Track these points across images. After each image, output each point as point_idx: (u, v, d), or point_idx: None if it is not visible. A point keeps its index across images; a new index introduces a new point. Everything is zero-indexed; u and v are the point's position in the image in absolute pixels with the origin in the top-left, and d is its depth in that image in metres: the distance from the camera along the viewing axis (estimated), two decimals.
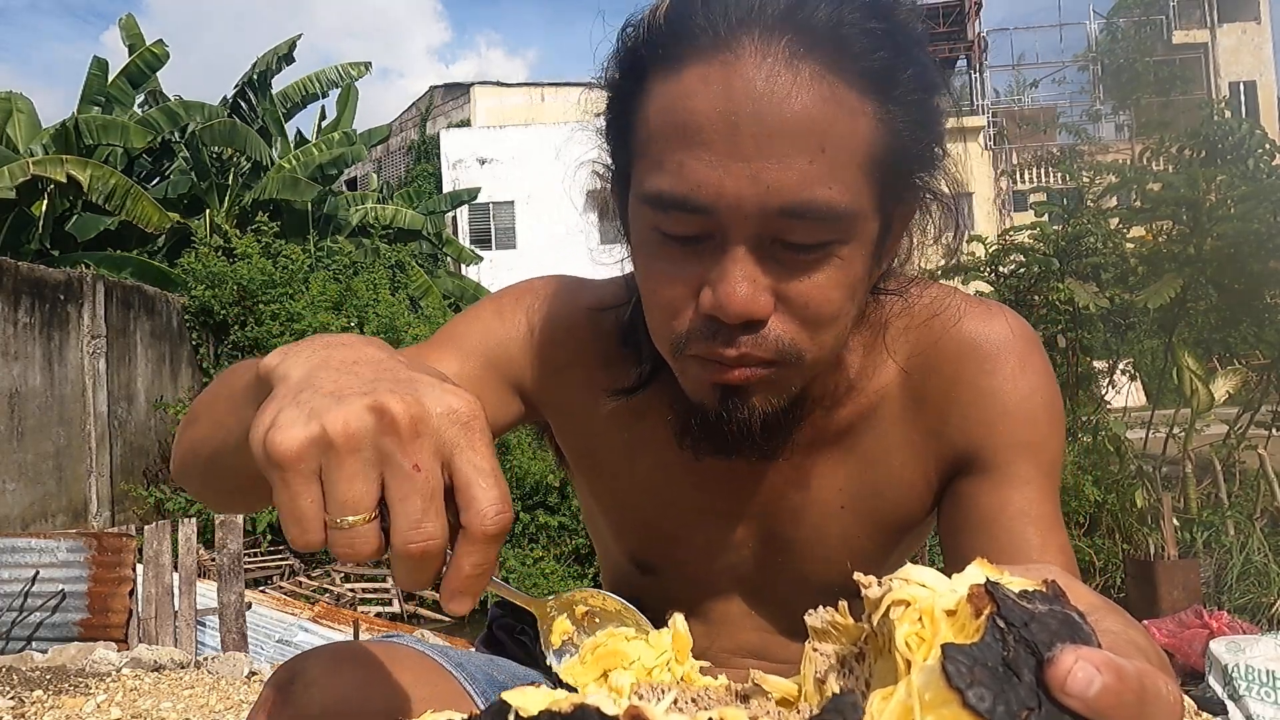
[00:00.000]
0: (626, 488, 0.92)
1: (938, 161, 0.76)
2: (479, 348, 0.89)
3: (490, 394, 0.88)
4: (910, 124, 0.69)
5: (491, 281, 16.68)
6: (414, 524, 0.47)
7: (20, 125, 11.84)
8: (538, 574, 8.26)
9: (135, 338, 9.14)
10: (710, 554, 0.92)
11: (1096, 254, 8.00)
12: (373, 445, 0.48)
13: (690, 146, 0.66)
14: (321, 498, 0.48)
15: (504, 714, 0.38)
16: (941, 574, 0.41)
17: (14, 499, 7.25)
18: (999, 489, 0.81)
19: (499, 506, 0.48)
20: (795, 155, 0.65)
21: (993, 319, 0.85)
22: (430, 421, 0.48)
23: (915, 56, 0.69)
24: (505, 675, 0.87)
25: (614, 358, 0.88)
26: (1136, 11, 26.60)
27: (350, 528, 0.48)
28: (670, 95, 0.68)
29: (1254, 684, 3.41)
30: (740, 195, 0.65)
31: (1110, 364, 8.62)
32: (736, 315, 0.67)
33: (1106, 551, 6.60)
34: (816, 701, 0.46)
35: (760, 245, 0.68)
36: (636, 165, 0.72)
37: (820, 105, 0.65)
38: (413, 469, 0.47)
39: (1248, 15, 26.48)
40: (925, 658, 0.37)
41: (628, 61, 0.73)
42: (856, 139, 0.66)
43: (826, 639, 0.48)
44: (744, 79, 0.65)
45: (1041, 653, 0.34)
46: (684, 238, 0.69)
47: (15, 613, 4.94)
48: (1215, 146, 7.71)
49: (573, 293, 0.92)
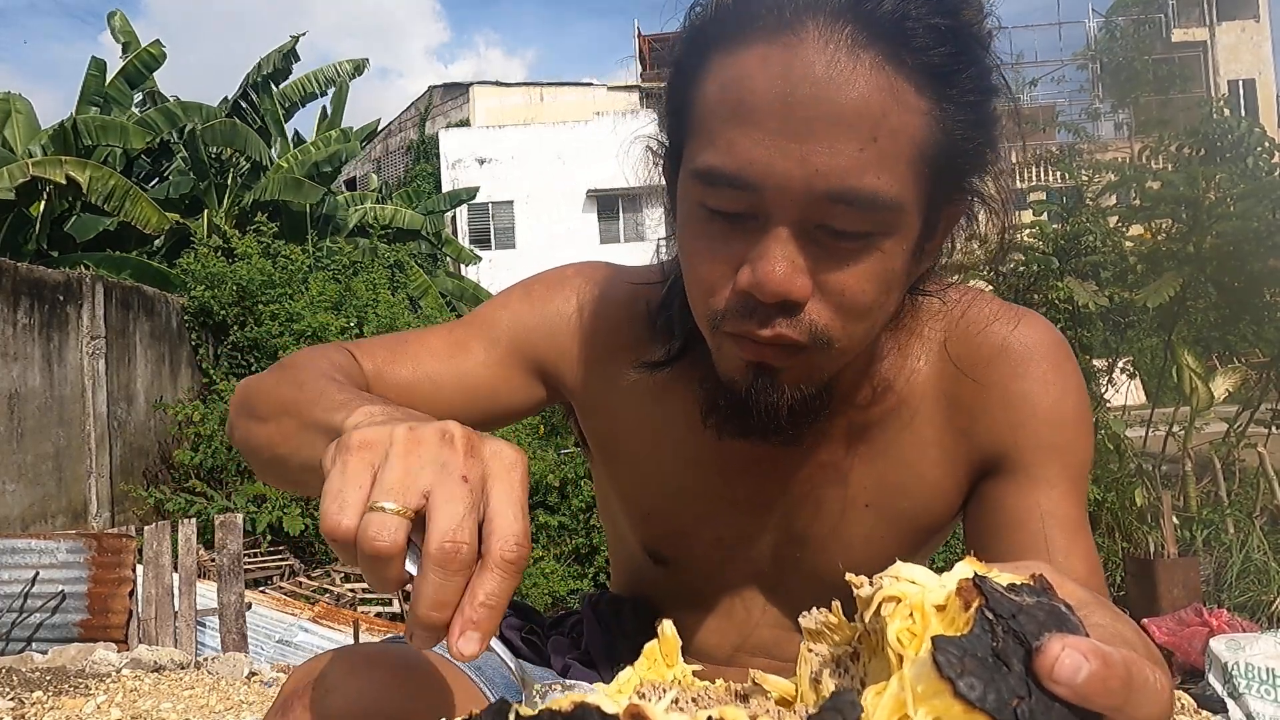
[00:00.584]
0: (647, 472, 0.93)
1: (989, 165, 0.76)
2: (505, 334, 0.91)
3: (513, 378, 0.90)
4: (965, 125, 0.70)
5: (491, 281, 16.68)
6: (453, 524, 0.49)
7: (19, 126, 11.83)
8: (538, 574, 8.25)
9: (135, 338, 9.14)
10: (727, 546, 0.91)
11: (1096, 252, 8.01)
12: (433, 453, 0.52)
13: (744, 124, 0.67)
14: (369, 489, 0.51)
15: (504, 713, 0.38)
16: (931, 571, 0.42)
17: (14, 500, 7.25)
18: (1026, 492, 0.82)
19: (519, 538, 0.50)
20: (846, 141, 0.65)
21: (1025, 324, 0.85)
22: (483, 451, 0.53)
23: (977, 57, 0.70)
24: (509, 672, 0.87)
25: (644, 340, 0.89)
26: (1135, 10, 26.59)
27: (386, 513, 0.50)
28: (729, 73, 0.69)
29: (1254, 682, 3.41)
30: (788, 176, 0.66)
31: (1110, 362, 8.62)
32: (773, 294, 0.68)
33: (1106, 550, 6.60)
34: (812, 701, 0.46)
35: (803, 229, 0.68)
36: (690, 142, 0.73)
37: (876, 95, 0.65)
38: (461, 479, 0.51)
39: (1247, 13, 26.47)
40: (917, 652, 0.37)
41: (691, 38, 0.74)
42: (909, 132, 0.67)
43: (821, 639, 0.48)
44: (804, 62, 0.65)
45: (1030, 642, 0.35)
46: (729, 215, 0.70)
47: (15, 614, 4.93)
48: (1214, 145, 7.71)
49: (606, 279, 0.94)
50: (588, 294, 0.92)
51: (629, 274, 0.94)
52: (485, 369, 0.89)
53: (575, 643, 1.01)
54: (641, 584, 1.01)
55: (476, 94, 23.67)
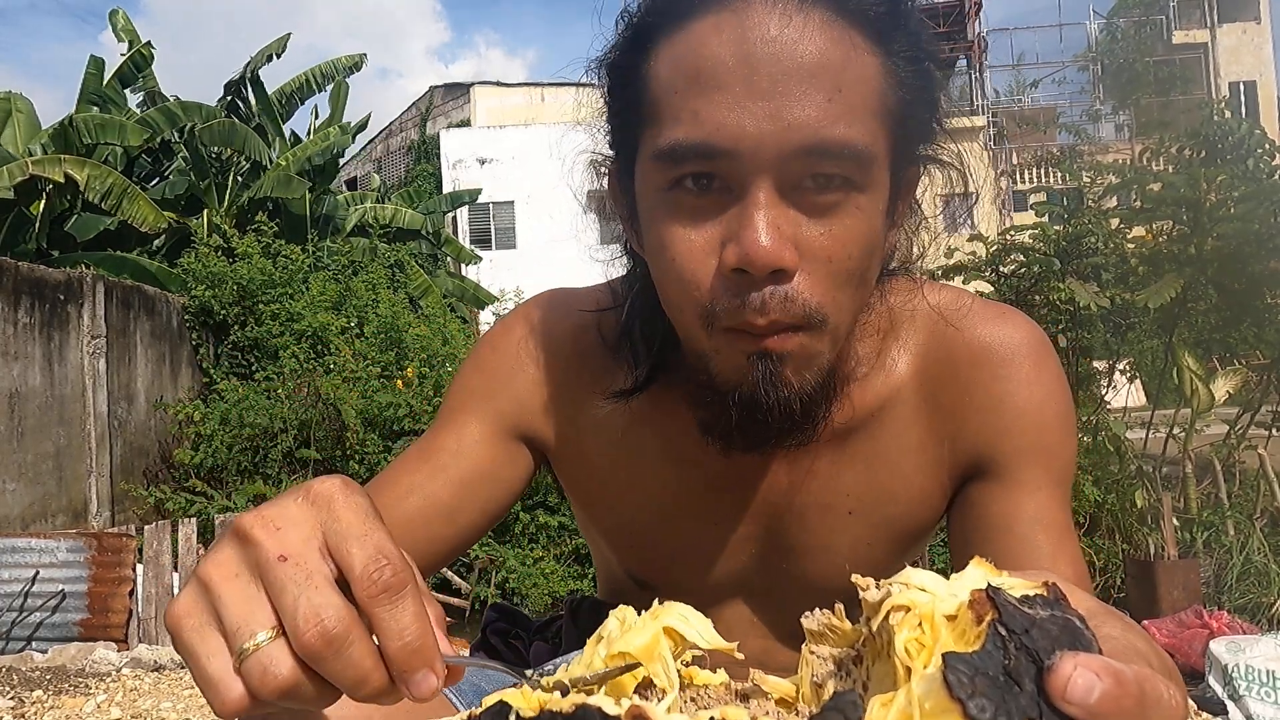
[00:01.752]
0: (625, 506, 0.90)
1: (937, 135, 0.77)
2: (475, 415, 0.87)
3: (500, 453, 0.87)
4: (912, 78, 0.71)
5: (491, 281, 16.67)
6: (301, 607, 0.43)
7: (19, 125, 11.83)
8: (538, 574, 8.24)
9: (135, 338, 9.13)
10: (712, 563, 0.90)
11: (1097, 254, 8.00)
12: (241, 564, 0.46)
13: (705, 92, 0.66)
14: (225, 645, 0.45)
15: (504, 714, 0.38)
16: (940, 576, 0.41)
17: (14, 499, 7.24)
18: (1011, 495, 0.81)
19: (373, 563, 0.44)
20: (814, 93, 0.65)
21: (1007, 323, 0.84)
22: (290, 514, 0.46)
23: (910, 14, 0.71)
24: (493, 685, 0.87)
25: (607, 368, 0.86)
26: (1136, 11, 26.59)
27: (256, 650, 0.43)
28: (681, 49, 0.68)
29: (1254, 684, 3.40)
30: (761, 134, 0.65)
31: (1110, 364, 8.61)
32: (764, 264, 0.66)
33: (1106, 552, 6.59)
34: (814, 704, 0.46)
35: (781, 191, 0.67)
36: (645, 133, 0.71)
37: (834, 47, 0.66)
38: (279, 559, 0.44)
39: (1248, 15, 26.46)
40: (925, 665, 0.36)
41: (629, 36, 0.74)
42: (869, 83, 0.68)
43: (823, 642, 0.48)
44: (758, 22, 0.65)
45: (1042, 660, 0.34)
46: (699, 191, 0.68)
47: (15, 613, 4.93)
48: (1215, 146, 7.70)
49: (553, 317, 0.90)
50: (533, 336, 0.89)
51: (579, 299, 0.91)
52: (472, 460, 0.85)
53: (556, 648, 1.01)
54: (624, 597, 1.01)
55: (477, 94, 23.66)
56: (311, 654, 0.43)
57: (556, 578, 8.25)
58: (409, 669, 0.44)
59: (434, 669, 0.44)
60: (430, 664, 0.44)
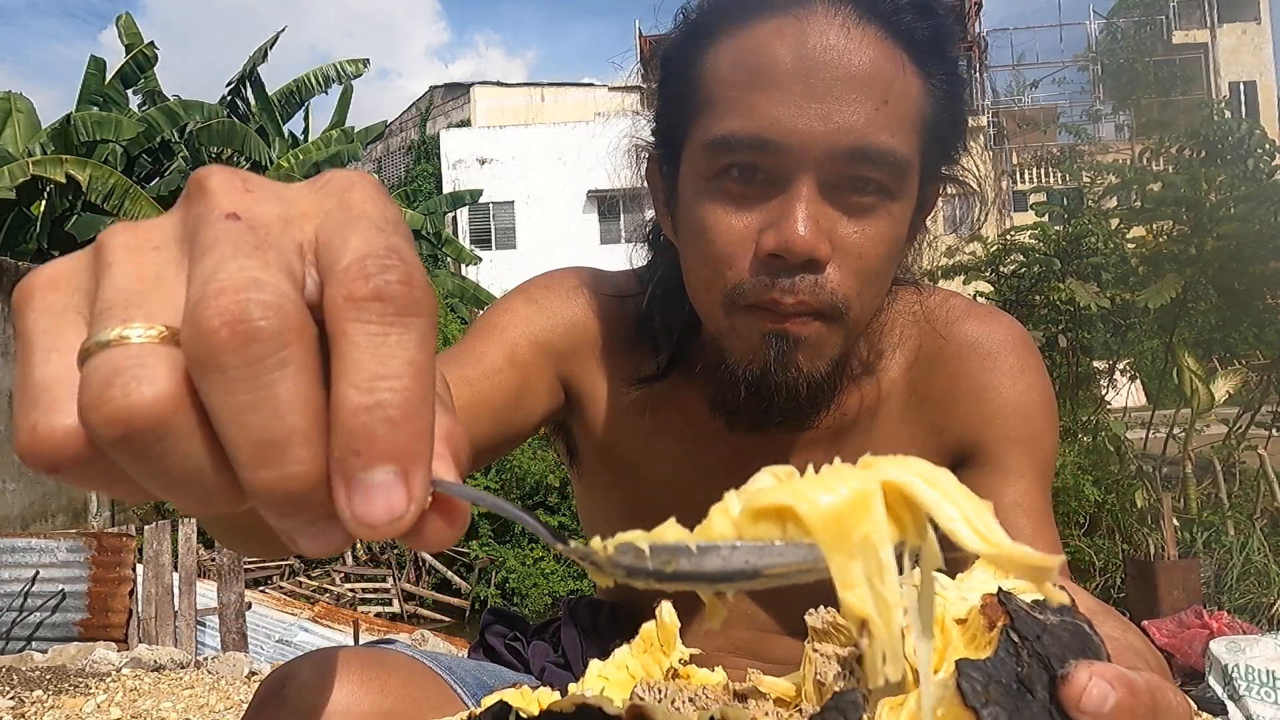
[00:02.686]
0: (635, 482, 0.93)
1: (959, 156, 0.82)
2: (522, 336, 0.89)
3: (533, 382, 0.88)
4: (946, 100, 0.76)
5: (491, 281, 16.67)
6: (215, 274, 0.26)
7: (19, 125, 11.84)
8: (537, 574, 8.25)
9: None
10: None
11: (1097, 254, 8.00)
12: (173, 233, 0.29)
13: (765, 89, 0.71)
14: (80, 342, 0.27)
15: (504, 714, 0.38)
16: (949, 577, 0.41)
17: (14, 499, 7.25)
18: (994, 482, 0.84)
19: (375, 257, 0.27)
20: (864, 102, 0.70)
21: (992, 321, 0.89)
22: (279, 187, 0.30)
23: (951, 39, 0.77)
24: (496, 680, 0.87)
25: (634, 346, 0.90)
26: (1136, 11, 26.60)
27: (115, 346, 0.25)
28: (743, 46, 0.73)
29: (1254, 684, 3.40)
30: (812, 132, 0.70)
31: (1110, 364, 8.61)
32: (800, 253, 0.70)
33: (1106, 551, 6.60)
34: (816, 702, 0.45)
35: (824, 189, 0.71)
36: (700, 119, 0.76)
37: (884, 61, 0.71)
38: (225, 216, 0.27)
39: (1248, 15, 26.47)
40: (936, 669, 0.36)
41: (690, 29, 0.79)
42: (912, 97, 0.73)
43: (827, 639, 0.47)
44: (818, 31, 0.71)
45: (1055, 668, 0.34)
46: (747, 182, 0.73)
47: (15, 613, 4.93)
48: (1215, 146, 7.71)
49: (595, 283, 0.94)
50: (585, 297, 0.92)
51: (613, 279, 0.95)
52: (503, 376, 0.85)
53: (555, 648, 1.01)
54: (621, 590, 1.01)
55: (477, 94, 23.68)
56: (208, 348, 0.25)
57: (556, 578, 8.26)
58: (363, 455, 0.25)
59: (409, 477, 0.26)
60: (403, 460, 0.26)
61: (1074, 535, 6.51)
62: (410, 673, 0.75)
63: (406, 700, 0.72)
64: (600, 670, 0.47)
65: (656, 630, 0.51)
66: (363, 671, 0.71)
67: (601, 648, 0.95)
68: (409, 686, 0.73)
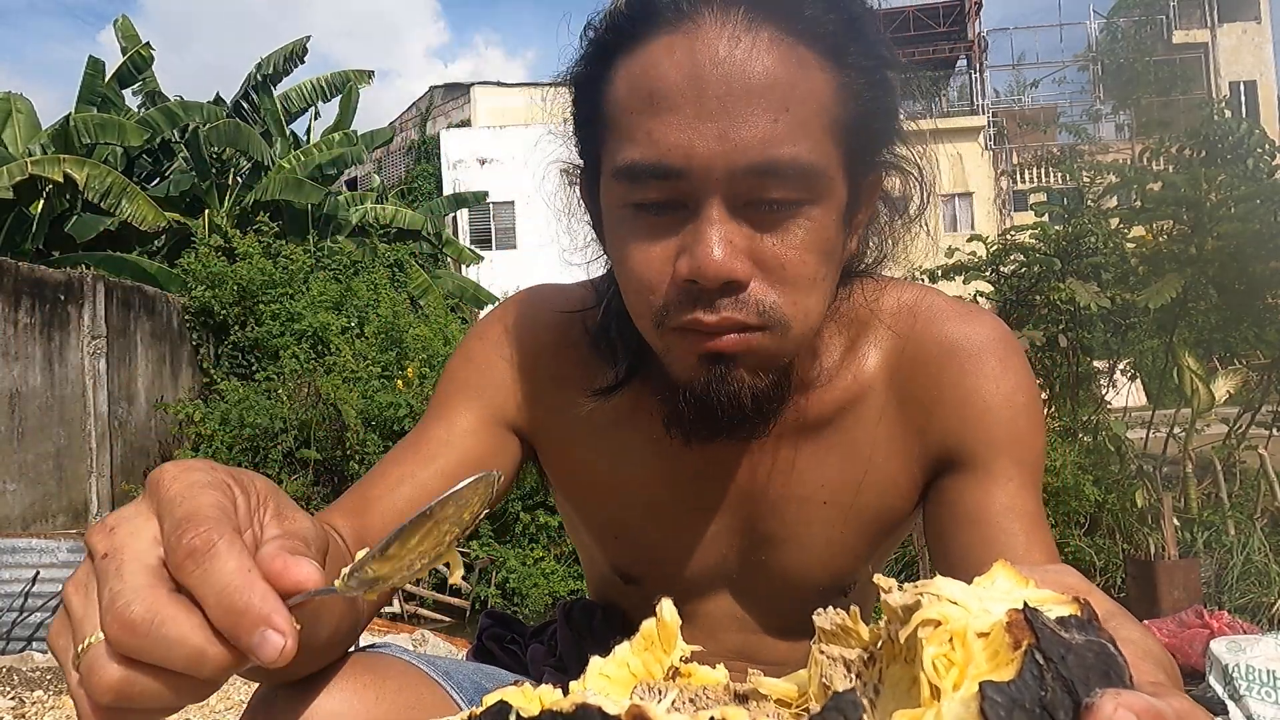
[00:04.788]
0: (611, 497, 0.92)
1: (899, 135, 0.78)
2: (465, 405, 0.89)
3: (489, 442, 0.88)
4: (867, 89, 0.72)
5: (491, 281, 16.67)
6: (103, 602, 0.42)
7: (19, 125, 11.84)
8: (538, 574, 8.25)
9: (135, 338, 9.14)
10: (693, 555, 0.91)
11: (1097, 254, 8.00)
12: (89, 573, 0.45)
13: (658, 113, 0.68)
14: None
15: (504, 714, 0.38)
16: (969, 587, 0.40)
17: (14, 499, 7.25)
18: (984, 486, 0.82)
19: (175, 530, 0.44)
20: (760, 114, 0.67)
21: (974, 320, 0.86)
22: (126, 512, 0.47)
23: (866, 26, 0.73)
24: (494, 684, 0.87)
25: (589, 363, 0.88)
26: (1136, 11, 26.59)
27: (82, 653, 0.42)
28: (636, 69, 0.70)
29: (1255, 684, 3.40)
30: (710, 154, 0.67)
31: (1110, 364, 8.61)
32: (715, 277, 0.68)
33: (1107, 551, 6.59)
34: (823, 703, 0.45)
35: (733, 207, 0.69)
36: (606, 147, 0.74)
37: (781, 66, 0.67)
38: (101, 557, 0.44)
39: (1248, 15, 26.47)
40: (956, 685, 0.35)
41: (592, 52, 0.76)
42: (818, 99, 0.69)
43: (835, 641, 0.47)
44: (707, 44, 0.67)
45: (1079, 694, 0.34)
46: (657, 207, 0.71)
47: (16, 613, 4.93)
48: (1215, 146, 7.70)
49: (538, 310, 0.92)
50: (522, 332, 0.91)
51: (562, 298, 0.93)
52: (461, 449, 0.86)
53: (552, 650, 1.01)
54: (613, 597, 1.02)
55: (478, 94, 23.67)
56: (120, 644, 0.41)
57: (557, 578, 8.25)
58: (239, 633, 0.40)
59: (273, 625, 0.40)
60: (265, 621, 0.40)
61: (1074, 535, 6.51)
62: (405, 678, 0.75)
63: (401, 706, 0.71)
64: (601, 668, 0.47)
65: (657, 628, 0.51)
66: (358, 677, 0.71)
67: (597, 650, 0.95)
68: (404, 693, 0.73)
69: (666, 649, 0.51)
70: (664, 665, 0.51)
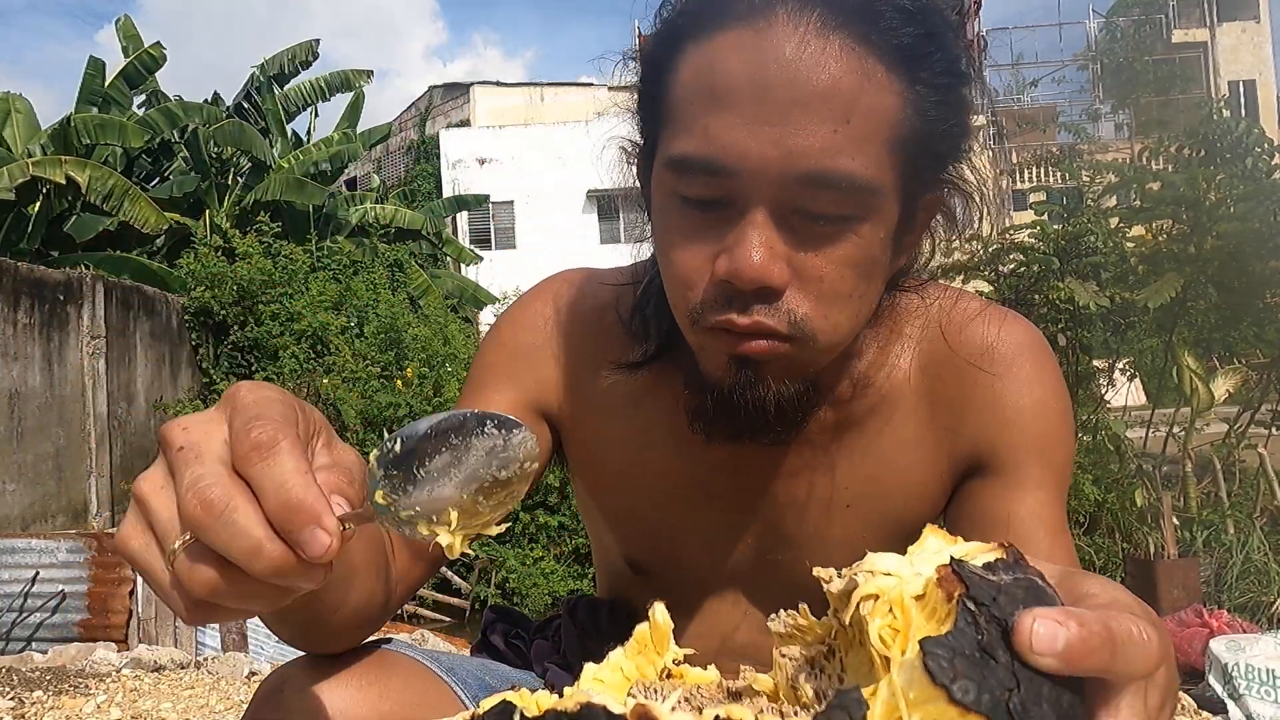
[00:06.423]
0: (630, 483, 0.91)
1: (964, 154, 0.76)
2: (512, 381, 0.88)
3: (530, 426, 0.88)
4: (938, 108, 0.70)
5: (491, 281, 16.66)
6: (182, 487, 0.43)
7: (19, 126, 11.82)
8: (538, 574, 8.25)
9: (135, 338, 9.13)
10: (708, 550, 0.91)
11: (1096, 253, 7.99)
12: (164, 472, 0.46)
13: (718, 110, 0.67)
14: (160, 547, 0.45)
15: (508, 714, 0.38)
16: (900, 556, 0.41)
17: (14, 499, 7.24)
18: (1011, 491, 0.82)
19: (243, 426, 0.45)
20: (820, 123, 0.65)
21: (1007, 324, 0.85)
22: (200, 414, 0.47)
23: (945, 41, 0.70)
24: (498, 680, 0.87)
25: (625, 347, 0.88)
26: (1136, 10, 26.58)
27: (176, 554, 0.43)
28: (701, 61, 0.68)
29: (1254, 683, 3.40)
30: (764, 159, 0.66)
31: (1110, 363, 8.61)
32: (751, 281, 0.67)
33: (1106, 551, 6.60)
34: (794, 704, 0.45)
35: (779, 214, 0.68)
36: (664, 132, 0.73)
37: (848, 76, 0.65)
38: (178, 451, 0.45)
39: (1247, 14, 26.46)
40: (903, 651, 0.36)
41: (663, 32, 0.74)
42: (882, 114, 0.67)
43: (792, 641, 0.47)
44: (775, 46, 0.65)
45: (1008, 625, 0.35)
46: (704, 202, 0.70)
47: (15, 613, 4.93)
48: (1214, 146, 7.70)
49: (576, 291, 0.92)
50: (556, 313, 0.91)
51: (603, 278, 0.92)
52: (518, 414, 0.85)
53: (556, 647, 1.01)
54: (623, 590, 1.01)
55: (477, 94, 23.65)
56: (196, 526, 0.42)
57: (556, 578, 8.25)
58: (291, 527, 0.42)
59: (322, 524, 0.42)
60: (315, 519, 0.42)
61: (1074, 535, 6.51)
62: (410, 674, 0.75)
63: (406, 703, 0.72)
64: (595, 673, 0.47)
65: (650, 631, 0.51)
66: (362, 674, 0.71)
67: (601, 646, 0.95)
68: (408, 689, 0.73)
69: (659, 651, 0.51)
70: (657, 667, 0.51)
